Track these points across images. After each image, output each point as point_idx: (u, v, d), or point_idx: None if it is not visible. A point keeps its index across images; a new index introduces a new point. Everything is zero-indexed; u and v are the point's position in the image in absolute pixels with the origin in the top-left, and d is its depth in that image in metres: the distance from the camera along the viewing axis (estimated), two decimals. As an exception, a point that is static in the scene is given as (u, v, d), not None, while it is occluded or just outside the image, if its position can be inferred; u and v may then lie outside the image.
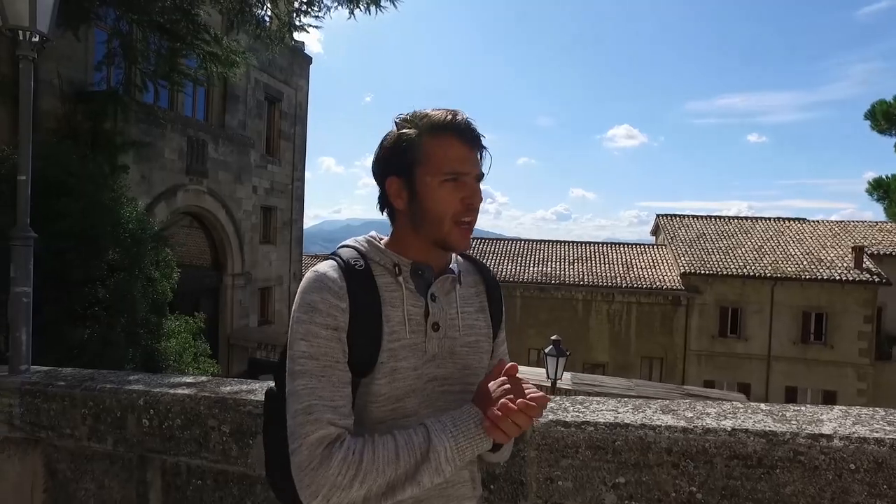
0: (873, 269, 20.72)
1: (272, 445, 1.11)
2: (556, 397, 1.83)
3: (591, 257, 24.53)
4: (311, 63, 19.23)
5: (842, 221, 24.99)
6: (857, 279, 20.44)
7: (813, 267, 21.41)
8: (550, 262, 24.36)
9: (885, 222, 23.48)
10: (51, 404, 2.37)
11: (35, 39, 2.83)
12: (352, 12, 8.84)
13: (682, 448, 1.48)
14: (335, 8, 9.00)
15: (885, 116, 18.22)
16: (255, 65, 14.47)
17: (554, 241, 26.33)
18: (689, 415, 1.60)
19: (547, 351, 8.47)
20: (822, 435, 1.39)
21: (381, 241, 1.11)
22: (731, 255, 22.56)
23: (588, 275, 23.15)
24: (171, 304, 6.86)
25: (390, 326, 1.01)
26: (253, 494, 1.99)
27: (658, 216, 26.99)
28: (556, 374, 8.32)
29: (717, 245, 23.35)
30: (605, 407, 1.70)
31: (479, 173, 1.06)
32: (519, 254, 25.34)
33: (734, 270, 21.50)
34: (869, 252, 21.70)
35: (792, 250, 22.61)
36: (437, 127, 1.03)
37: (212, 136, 13.11)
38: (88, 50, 9.87)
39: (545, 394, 0.96)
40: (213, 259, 14.40)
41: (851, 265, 21.08)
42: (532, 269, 23.98)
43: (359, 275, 1.02)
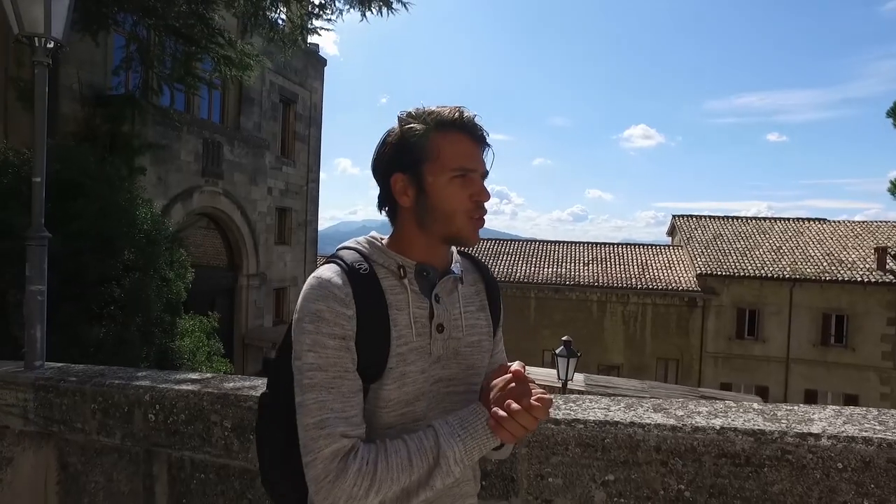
0: (897, 271, 20.28)
1: (268, 449, 1.11)
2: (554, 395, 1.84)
3: (605, 258, 24.36)
4: (325, 65, 19.39)
5: (864, 222, 24.45)
6: (880, 281, 20.00)
7: (833, 268, 21.00)
8: (565, 263, 24.24)
9: (909, 222, 22.97)
10: (62, 399, 2.44)
11: (50, 46, 2.92)
12: (363, 15, 8.94)
13: (670, 446, 1.49)
14: (347, 11, 9.11)
15: (906, 114, 17.83)
16: (270, 67, 14.66)
17: (568, 242, 26.20)
18: (680, 413, 1.60)
19: (557, 351, 8.44)
20: (811, 434, 1.39)
21: (382, 241, 1.10)
22: (749, 256, 22.24)
23: (603, 276, 23.00)
24: (186, 304, 6.97)
25: (398, 330, 1.00)
26: (254, 488, 2.04)
27: (674, 217, 26.71)
28: (566, 374, 8.29)
29: (734, 246, 23.03)
30: (596, 405, 1.71)
31: (486, 171, 1.05)
32: (533, 255, 25.25)
33: (751, 272, 21.19)
34: (893, 253, 21.23)
35: (812, 251, 22.21)
36: (446, 123, 1.02)
37: (227, 138, 13.30)
38: (107, 55, 10.09)
39: (550, 395, 0.97)
40: (228, 260, 14.60)
41: (874, 266, 20.63)
42: (547, 270, 23.89)
43: (363, 279, 1.00)
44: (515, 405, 0.92)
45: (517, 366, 1.01)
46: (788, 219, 25.27)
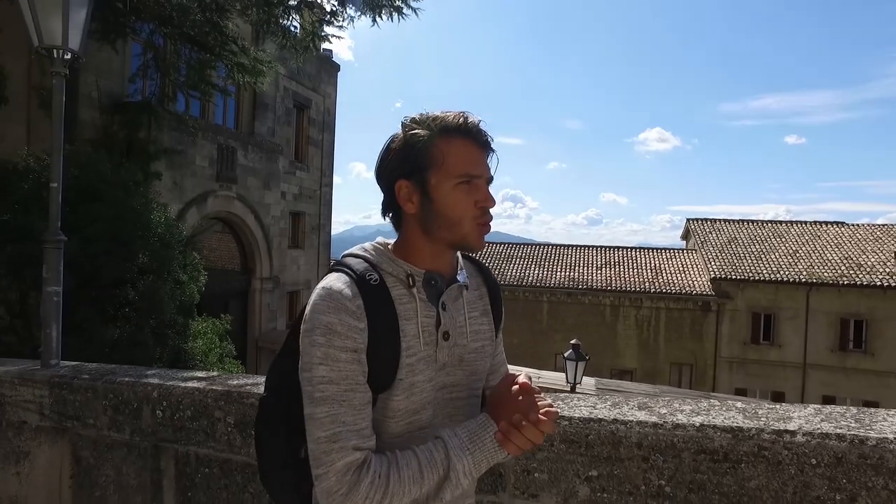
0: (918, 275, 19.90)
1: (268, 449, 1.09)
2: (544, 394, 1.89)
3: (619, 262, 24.23)
4: (339, 71, 19.60)
5: (884, 225, 24.00)
6: (900, 285, 19.65)
7: (852, 272, 20.67)
8: (578, 267, 24.16)
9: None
10: (76, 396, 2.55)
11: (67, 57, 3.05)
12: (374, 20, 9.08)
13: (651, 442, 1.53)
14: (358, 17, 9.25)
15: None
16: (284, 73, 14.91)
17: (582, 246, 26.10)
18: (663, 411, 1.64)
19: (566, 355, 8.45)
20: (787, 431, 1.43)
21: (389, 248, 1.08)
22: (764, 259, 21.97)
23: (616, 280, 22.87)
24: (200, 307, 7.12)
25: (406, 341, 1.00)
26: (255, 482, 2.11)
27: (688, 220, 26.49)
28: (574, 377, 8.29)
29: (749, 250, 22.78)
30: (583, 403, 1.76)
31: (490, 176, 1.05)
32: (546, 259, 25.20)
33: (766, 276, 20.93)
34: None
35: (829, 255, 21.88)
36: (450, 129, 1.01)
37: (241, 144, 13.52)
38: (125, 63, 10.34)
39: (556, 409, 0.98)
40: (242, 263, 14.81)
41: (895, 270, 20.27)
42: (559, 274, 23.83)
43: (374, 290, 0.99)
44: (523, 419, 0.93)
45: (524, 378, 1.01)
46: (805, 222, 24.93)
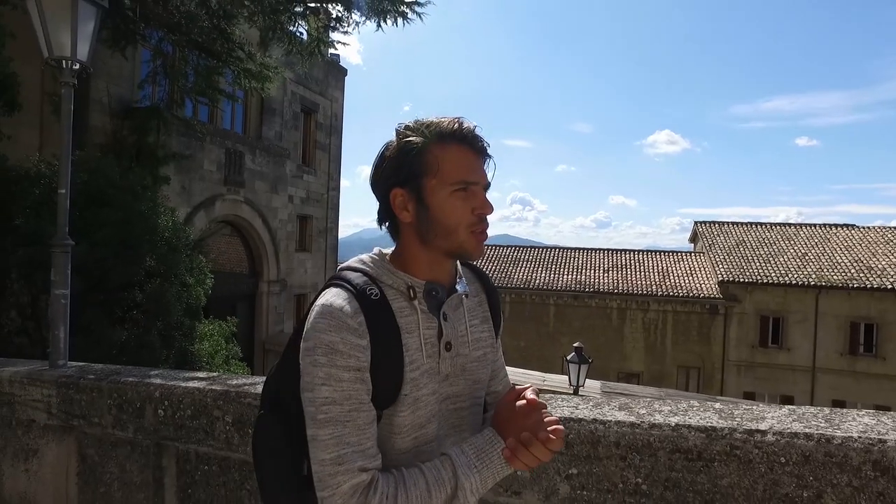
0: (930, 278, 19.69)
1: (274, 476, 1.05)
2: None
3: (626, 265, 24.17)
4: (346, 75, 19.76)
5: (895, 228, 23.81)
6: (912, 288, 19.45)
7: (862, 275, 20.48)
8: (585, 270, 24.13)
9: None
10: (82, 395, 2.63)
11: (76, 67, 3.16)
12: (379, 25, 9.20)
13: (628, 442, 1.59)
14: (363, 22, 9.37)
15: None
16: (291, 77, 15.06)
17: (589, 249, 26.06)
18: (643, 412, 1.69)
19: (569, 358, 8.48)
20: (758, 430, 1.47)
21: (387, 258, 1.06)
22: (772, 262, 21.83)
23: (623, 283, 22.82)
24: (209, 309, 7.23)
25: (410, 355, 0.98)
26: (251, 480, 2.18)
27: (696, 223, 26.38)
28: (577, 380, 8.32)
29: (758, 252, 22.64)
30: (566, 404, 1.81)
31: (488, 183, 1.03)
32: (553, 262, 25.19)
33: (775, 279, 20.79)
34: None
35: (839, 258, 21.70)
36: (445, 135, 0.99)
37: (249, 148, 13.68)
38: (135, 68, 10.52)
39: (562, 426, 0.97)
40: (249, 266, 14.96)
41: (906, 273, 20.09)
42: (566, 277, 23.81)
43: (375, 305, 0.96)
44: (532, 437, 0.92)
45: (531, 393, 1.00)
46: (814, 225, 24.74)
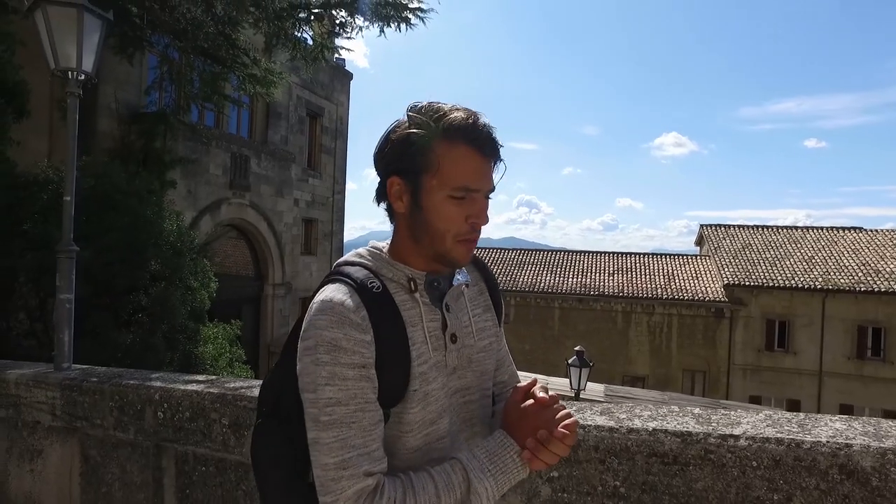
0: (939, 282, 19.53)
1: (276, 489, 0.98)
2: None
3: (631, 268, 24.12)
4: (351, 79, 19.88)
5: (903, 231, 23.62)
6: (920, 292, 19.30)
7: (869, 278, 20.34)
8: (590, 274, 24.11)
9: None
10: (85, 397, 2.71)
11: (81, 78, 3.24)
12: (382, 31, 9.30)
13: (607, 446, 1.63)
14: (367, 27, 9.47)
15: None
16: (297, 82, 15.20)
17: (594, 252, 26.05)
18: (622, 416, 1.74)
19: (570, 361, 8.52)
20: (731, 435, 1.52)
21: (384, 251, 1.02)
22: (779, 266, 21.73)
23: (628, 286, 22.78)
24: (214, 312, 7.32)
25: (416, 349, 0.94)
26: (247, 480, 2.24)
27: (702, 226, 26.30)
28: (579, 384, 8.34)
29: (764, 256, 22.54)
30: (549, 408, 1.86)
31: (492, 188, 0.97)
32: (559, 265, 25.19)
33: (781, 282, 20.69)
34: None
35: (846, 261, 21.56)
36: (455, 133, 0.91)
37: (254, 152, 13.81)
38: (143, 74, 10.66)
39: (575, 417, 0.94)
40: (255, 269, 15.08)
41: (915, 277, 19.94)
42: (571, 280, 23.80)
43: (377, 298, 0.92)
44: (549, 435, 0.89)
45: (541, 392, 0.97)
46: (822, 228, 24.59)
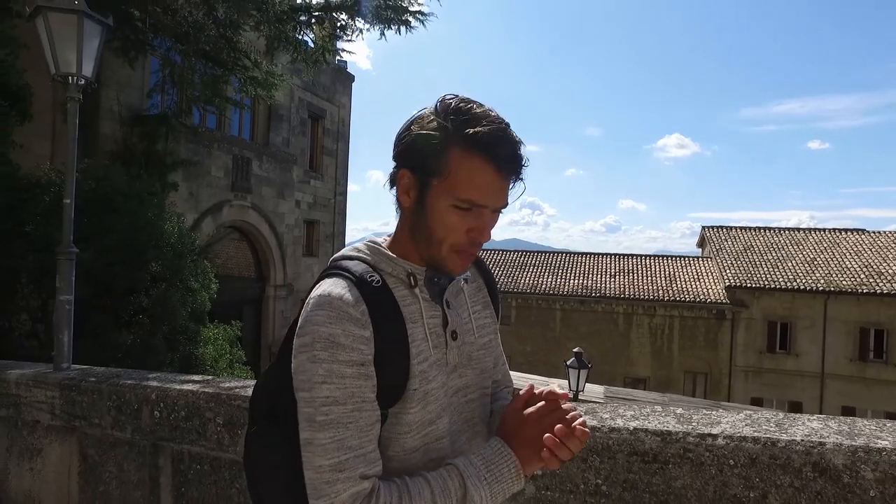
0: (941, 283, 19.48)
1: (278, 493, 0.95)
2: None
3: (633, 270, 24.13)
4: (353, 81, 19.96)
5: (907, 232, 23.55)
6: (922, 294, 19.25)
7: (872, 280, 20.30)
8: (591, 275, 24.12)
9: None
10: (83, 397, 2.75)
11: (81, 83, 3.29)
12: (383, 33, 9.37)
13: (589, 444, 1.67)
14: (367, 30, 9.54)
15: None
16: (298, 84, 15.28)
17: (595, 254, 26.06)
18: (605, 416, 1.77)
19: (568, 363, 8.55)
20: (709, 434, 1.55)
21: (385, 244, 0.99)
22: (780, 267, 21.70)
23: (630, 288, 22.78)
24: (216, 313, 7.37)
25: (416, 347, 0.91)
26: (241, 479, 2.28)
27: (703, 228, 26.28)
28: (577, 385, 8.37)
29: (766, 257, 22.51)
30: (535, 407, 1.90)
31: (504, 204, 0.92)
32: (560, 266, 25.20)
33: (783, 284, 20.67)
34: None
35: (848, 263, 21.52)
36: (475, 143, 0.87)
37: (256, 154, 13.88)
38: (145, 77, 10.74)
39: (581, 412, 0.93)
40: (257, 271, 15.15)
41: (917, 278, 19.89)
42: (573, 281, 23.81)
43: (377, 293, 0.89)
44: (566, 429, 0.87)
45: (559, 389, 0.94)
46: (824, 229, 24.56)
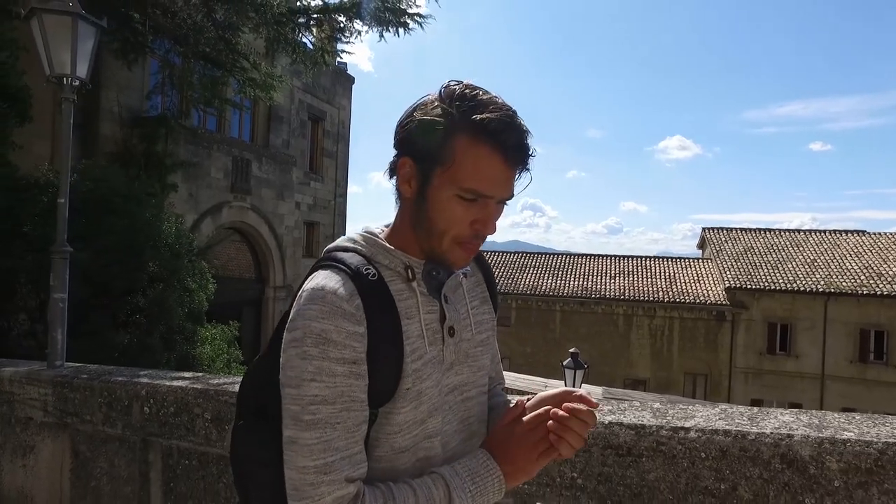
0: (941, 285, 19.46)
1: (268, 489, 0.91)
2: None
3: (633, 271, 24.14)
4: (353, 83, 20.03)
5: (907, 233, 23.52)
6: (923, 295, 19.23)
7: (872, 282, 20.29)
8: (592, 276, 24.15)
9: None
10: (76, 394, 2.78)
11: (76, 84, 3.33)
12: (382, 35, 9.41)
13: (566, 437, 1.69)
14: (366, 32, 9.59)
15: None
16: (299, 86, 15.33)
17: (595, 255, 26.09)
18: (583, 410, 1.80)
19: (564, 363, 8.57)
20: (682, 428, 1.57)
21: (382, 235, 0.95)
22: (781, 269, 21.70)
23: (630, 289, 22.79)
24: (217, 314, 7.41)
25: (410, 344, 0.87)
26: (228, 474, 2.31)
27: (704, 229, 26.29)
28: (573, 385, 8.37)
29: (766, 259, 22.51)
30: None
31: (509, 196, 0.89)
32: (560, 268, 25.23)
33: (783, 285, 20.66)
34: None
35: (849, 264, 21.51)
36: (481, 131, 0.83)
37: (255, 155, 13.93)
38: (145, 79, 10.80)
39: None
40: (256, 272, 15.19)
41: (917, 280, 19.87)
42: (573, 283, 23.83)
43: (373, 287, 0.85)
44: (571, 411, 0.86)
45: (570, 397, 0.91)
46: (824, 231, 24.57)
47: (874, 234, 23.82)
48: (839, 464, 1.37)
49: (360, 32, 9.59)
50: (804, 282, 20.73)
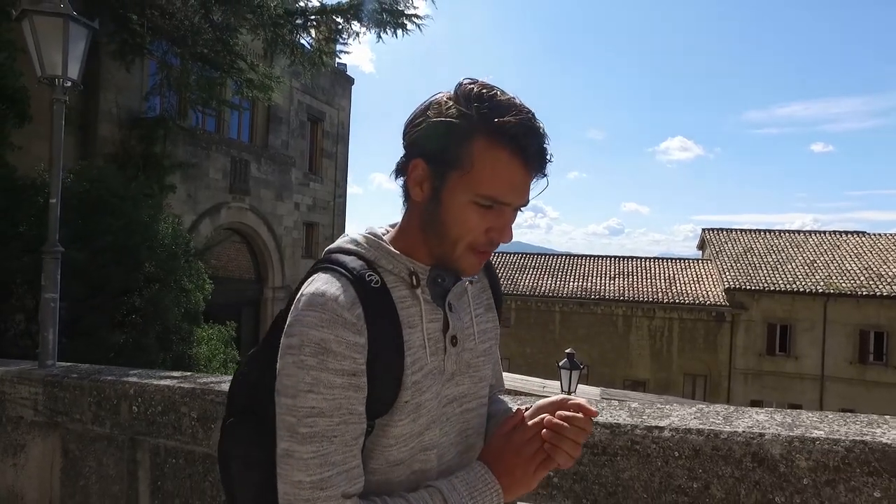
0: (941, 286, 19.44)
1: (255, 490, 0.89)
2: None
3: (633, 272, 24.14)
4: (352, 84, 20.05)
5: (907, 234, 23.51)
6: (922, 296, 19.22)
7: (872, 282, 20.28)
8: (591, 277, 24.15)
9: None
10: (66, 393, 2.80)
11: (67, 85, 3.36)
12: (379, 36, 9.44)
13: (543, 436, 1.70)
14: (364, 33, 9.62)
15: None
16: (298, 87, 15.37)
17: (595, 256, 26.10)
18: (562, 409, 1.81)
19: (560, 364, 8.58)
20: (657, 427, 1.59)
21: (386, 236, 0.91)
22: (780, 270, 21.69)
23: (629, 290, 22.80)
24: (215, 314, 7.43)
25: (412, 354, 0.84)
26: (214, 472, 2.32)
27: (704, 230, 26.29)
28: (570, 386, 8.39)
29: (766, 260, 22.51)
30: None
31: (525, 202, 0.85)
32: (560, 269, 25.25)
33: (782, 286, 20.66)
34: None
35: (848, 265, 21.51)
36: (501, 135, 0.79)
37: (254, 156, 13.96)
38: (143, 79, 10.84)
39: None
40: (255, 272, 15.22)
41: (917, 281, 19.85)
42: (572, 284, 23.84)
43: (375, 295, 0.82)
44: (564, 419, 0.83)
45: (569, 406, 0.88)
46: (824, 232, 24.55)
47: (874, 234, 23.80)
48: (808, 462, 1.38)
49: (358, 34, 9.63)
50: (804, 283, 20.73)
